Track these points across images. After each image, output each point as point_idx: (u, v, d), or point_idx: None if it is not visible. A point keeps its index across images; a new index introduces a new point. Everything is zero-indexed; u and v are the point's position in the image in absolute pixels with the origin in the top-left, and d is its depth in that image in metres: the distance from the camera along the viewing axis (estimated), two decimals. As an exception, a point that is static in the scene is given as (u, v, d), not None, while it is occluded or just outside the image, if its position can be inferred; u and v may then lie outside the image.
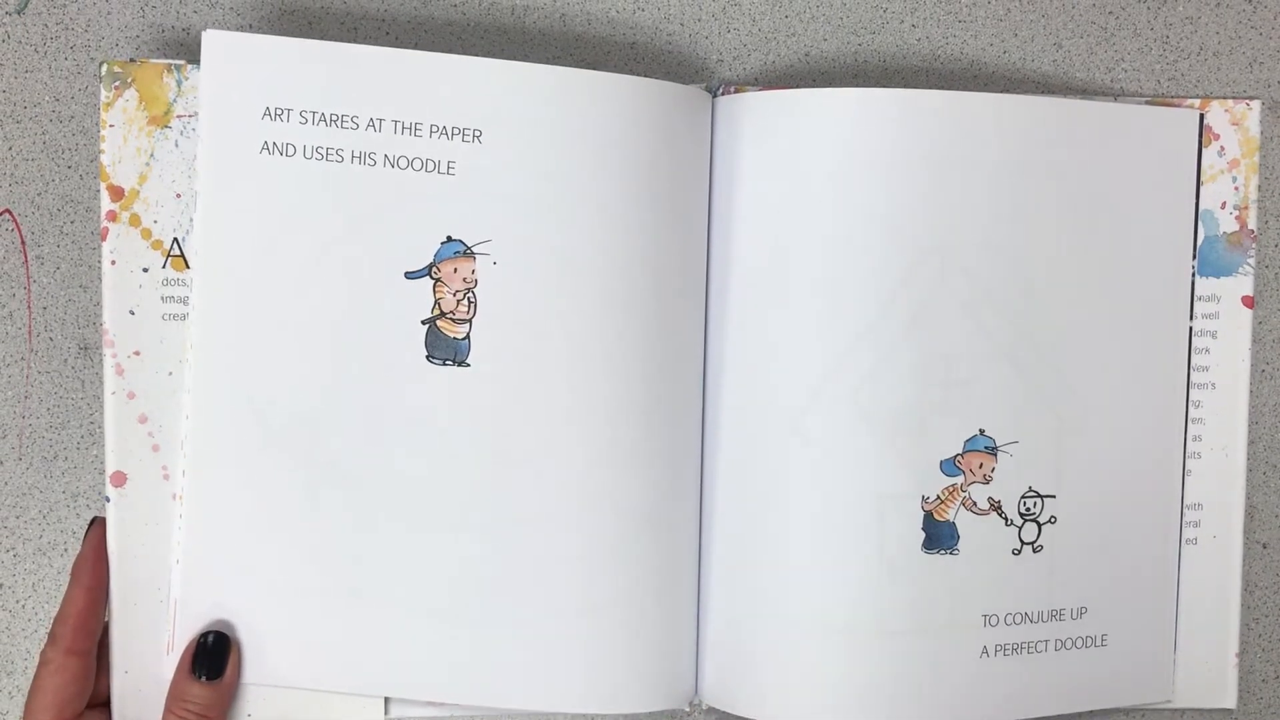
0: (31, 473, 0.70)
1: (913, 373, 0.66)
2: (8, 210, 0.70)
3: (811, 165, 0.66)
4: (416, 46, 0.71)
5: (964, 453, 0.67)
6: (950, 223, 0.66)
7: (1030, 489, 0.68)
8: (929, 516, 0.66)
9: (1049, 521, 0.68)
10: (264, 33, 0.70)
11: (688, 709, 0.68)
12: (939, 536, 0.66)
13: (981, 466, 0.67)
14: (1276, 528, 0.73)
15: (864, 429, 0.66)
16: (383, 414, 0.64)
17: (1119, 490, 0.69)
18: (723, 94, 0.68)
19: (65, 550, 0.70)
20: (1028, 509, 0.68)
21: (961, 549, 0.67)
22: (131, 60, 0.65)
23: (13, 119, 0.70)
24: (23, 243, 0.70)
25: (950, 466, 0.66)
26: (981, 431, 0.67)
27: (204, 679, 0.63)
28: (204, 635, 0.64)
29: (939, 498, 0.66)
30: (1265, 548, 0.73)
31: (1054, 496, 0.68)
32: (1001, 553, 0.67)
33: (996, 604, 0.67)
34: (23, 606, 0.70)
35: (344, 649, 0.64)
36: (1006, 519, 0.67)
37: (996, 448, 0.67)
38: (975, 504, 0.67)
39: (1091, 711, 0.70)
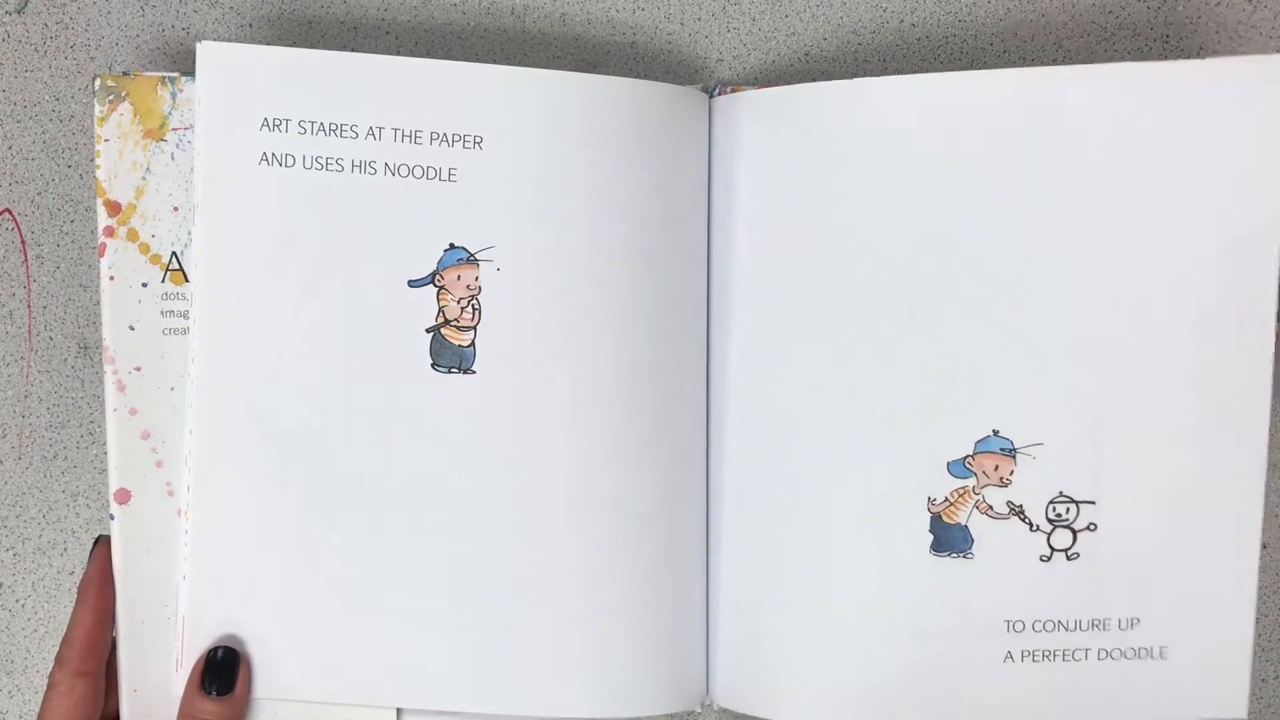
0: (31, 472, 0.70)
1: (912, 370, 0.65)
2: (8, 210, 0.70)
3: (808, 160, 0.65)
4: (416, 47, 0.71)
5: (975, 454, 0.65)
6: (955, 213, 0.64)
7: (1061, 494, 0.65)
8: (937, 519, 0.65)
9: (1087, 528, 0.65)
10: (264, 32, 0.70)
11: (699, 710, 0.68)
12: (949, 539, 0.65)
13: (997, 469, 0.64)
14: (1278, 527, 0.74)
15: (863, 428, 0.65)
16: (388, 423, 0.64)
17: (1184, 495, 0.65)
18: (719, 94, 0.67)
19: (65, 550, 0.70)
20: (1058, 514, 0.65)
21: (976, 553, 0.65)
22: (125, 74, 0.65)
23: (13, 119, 0.70)
24: (23, 243, 0.70)
25: (959, 468, 0.65)
26: (996, 432, 0.64)
27: (214, 694, 0.63)
28: (213, 650, 0.64)
29: (947, 500, 0.65)
30: (1265, 547, 0.73)
31: (1093, 502, 0.65)
32: (1026, 559, 0.65)
33: (1022, 610, 0.65)
34: (23, 606, 0.70)
35: (354, 660, 0.64)
36: (1031, 524, 0.65)
37: (1015, 449, 0.64)
38: (991, 508, 0.65)
39: None
